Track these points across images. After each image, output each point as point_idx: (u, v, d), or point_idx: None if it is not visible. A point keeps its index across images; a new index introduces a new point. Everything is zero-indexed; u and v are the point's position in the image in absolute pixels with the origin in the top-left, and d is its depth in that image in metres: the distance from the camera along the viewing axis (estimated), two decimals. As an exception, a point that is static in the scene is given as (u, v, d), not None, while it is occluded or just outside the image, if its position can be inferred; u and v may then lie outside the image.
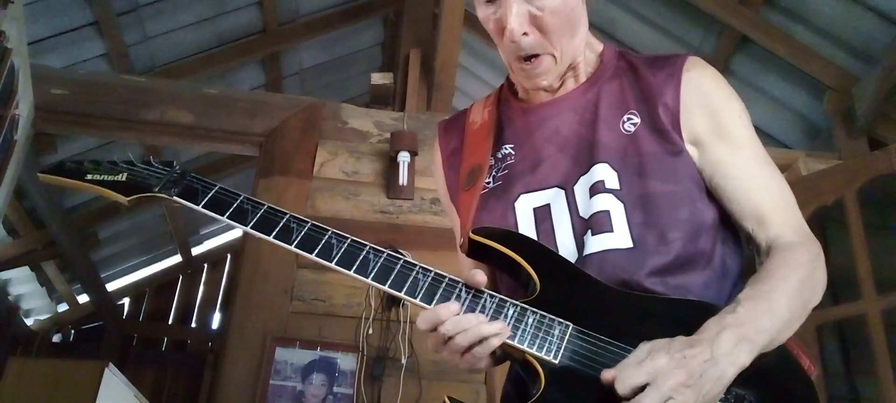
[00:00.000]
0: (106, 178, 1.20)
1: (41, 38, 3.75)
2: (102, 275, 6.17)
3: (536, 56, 1.15)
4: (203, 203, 1.14)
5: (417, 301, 1.04)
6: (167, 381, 6.53)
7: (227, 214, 1.12)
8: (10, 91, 2.77)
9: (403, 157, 3.16)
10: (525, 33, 1.12)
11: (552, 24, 1.12)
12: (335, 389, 2.82)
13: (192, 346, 7.02)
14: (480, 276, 1.04)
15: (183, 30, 4.30)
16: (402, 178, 3.15)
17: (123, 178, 1.20)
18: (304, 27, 4.79)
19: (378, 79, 3.73)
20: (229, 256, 7.33)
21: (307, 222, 1.11)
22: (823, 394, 2.82)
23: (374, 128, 3.40)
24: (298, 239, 1.09)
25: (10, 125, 2.81)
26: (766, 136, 4.06)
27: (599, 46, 1.26)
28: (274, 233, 1.10)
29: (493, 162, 1.23)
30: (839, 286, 3.14)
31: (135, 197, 1.17)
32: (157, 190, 1.17)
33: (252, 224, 1.11)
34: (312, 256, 1.08)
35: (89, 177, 1.20)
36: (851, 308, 2.93)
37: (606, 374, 0.93)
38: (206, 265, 7.30)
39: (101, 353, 6.24)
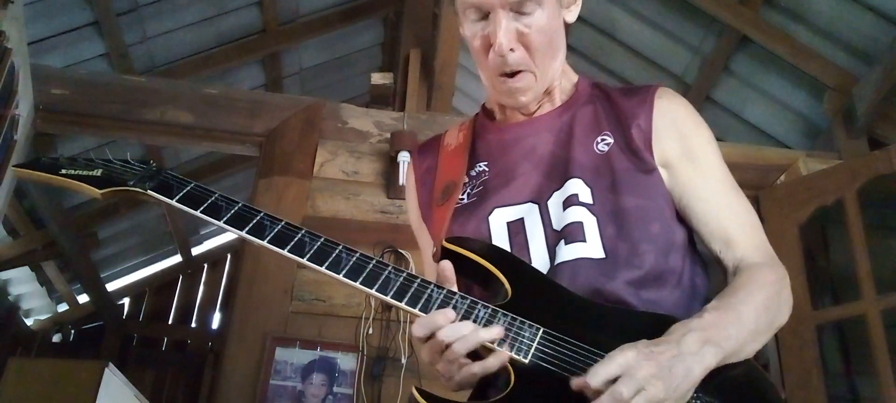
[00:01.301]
0: (80, 173, 1.20)
1: (41, 38, 3.75)
2: (102, 275, 6.18)
3: (520, 72, 1.18)
4: (177, 197, 1.14)
5: (388, 298, 1.06)
6: (167, 381, 6.54)
7: (201, 209, 1.12)
8: (10, 91, 2.77)
9: (403, 157, 3.16)
10: (512, 49, 1.15)
11: (538, 43, 1.16)
12: (335, 389, 2.82)
13: (192, 346, 7.03)
14: (449, 271, 1.07)
15: (183, 30, 4.30)
16: (402, 178, 3.14)
17: (98, 174, 1.20)
18: (304, 27, 4.79)
19: (378, 79, 3.72)
20: (229, 256, 7.33)
21: (280, 221, 1.12)
22: (823, 394, 2.82)
23: (374, 128, 3.40)
24: (271, 235, 1.10)
25: (10, 125, 2.81)
26: (766, 136, 4.07)
27: (575, 77, 1.31)
28: (247, 229, 1.11)
29: (467, 179, 1.26)
30: (839, 286, 3.14)
31: (109, 190, 1.17)
32: (131, 184, 1.17)
33: (226, 219, 1.12)
34: (284, 252, 1.10)
35: (64, 171, 1.20)
36: (851, 308, 2.94)
37: (576, 381, 0.95)
38: (206, 265, 7.31)
39: (101, 353, 6.24)
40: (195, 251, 6.93)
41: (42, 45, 3.76)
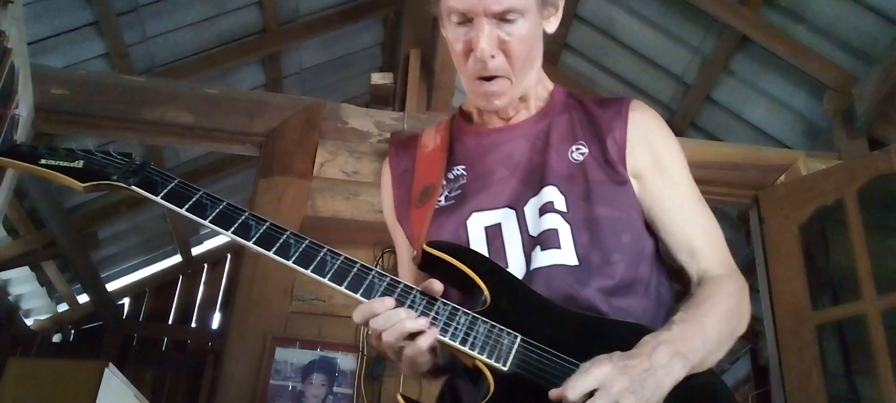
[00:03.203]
0: (61, 164, 1.17)
1: (41, 38, 3.75)
2: (102, 275, 6.18)
3: (497, 77, 1.20)
4: (162, 194, 1.13)
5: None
6: (167, 381, 6.54)
7: (186, 208, 1.12)
8: (10, 91, 2.77)
9: (403, 157, 3.16)
10: (492, 55, 1.18)
11: (517, 51, 1.19)
12: (335, 389, 2.83)
13: (192, 346, 7.02)
14: (437, 285, 1.08)
15: (183, 30, 4.30)
16: (402, 178, 3.15)
17: (80, 165, 1.17)
18: (304, 27, 4.79)
19: (378, 79, 3.72)
20: (229, 256, 7.33)
21: (266, 221, 1.12)
22: (823, 394, 2.82)
23: (374, 128, 3.40)
24: (257, 236, 1.10)
25: (10, 125, 2.81)
26: (766, 136, 4.07)
27: (551, 85, 1.34)
28: (232, 229, 1.10)
29: (445, 182, 1.28)
30: (839, 286, 3.14)
31: (91, 183, 1.15)
32: (115, 178, 1.15)
33: (211, 218, 1.11)
34: (270, 254, 1.10)
35: (43, 161, 1.17)
36: (851, 308, 2.93)
37: (554, 392, 0.98)
38: (206, 265, 7.30)
39: (101, 353, 6.24)
40: (195, 251, 6.93)
41: (42, 45, 3.76)
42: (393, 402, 2.80)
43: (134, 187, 1.14)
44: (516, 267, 1.16)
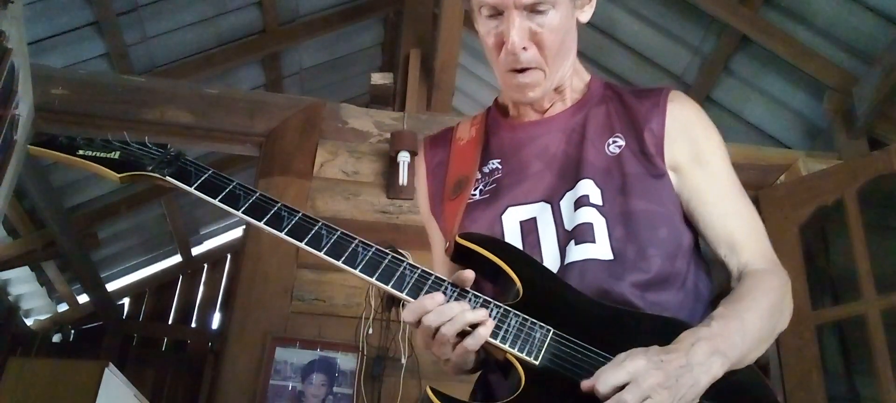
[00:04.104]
0: (98, 155, 1.18)
1: (41, 38, 3.75)
2: (102, 275, 6.17)
3: (530, 69, 1.19)
4: (196, 185, 1.13)
5: (404, 294, 1.06)
6: (167, 381, 6.54)
7: (220, 198, 1.11)
8: (10, 91, 2.77)
9: (403, 157, 3.16)
10: (524, 47, 1.16)
11: (550, 42, 1.17)
12: (335, 389, 2.82)
13: (192, 346, 7.02)
14: (468, 274, 1.07)
15: (183, 30, 4.30)
16: (402, 178, 3.15)
17: (116, 156, 1.18)
18: (304, 27, 4.79)
19: (378, 79, 3.72)
20: (229, 256, 7.33)
21: (298, 212, 1.12)
22: (823, 394, 2.82)
23: (374, 128, 3.40)
24: (289, 226, 1.10)
25: (10, 125, 2.81)
26: (766, 136, 4.07)
27: (587, 76, 1.32)
28: (265, 220, 1.10)
29: (480, 175, 1.27)
30: (839, 286, 3.14)
31: (127, 174, 1.16)
32: (150, 169, 1.16)
33: (244, 209, 1.11)
34: (302, 244, 1.09)
35: (81, 152, 1.18)
36: (851, 308, 2.94)
37: (586, 383, 0.96)
38: (206, 265, 7.30)
39: (101, 353, 6.24)
40: (195, 251, 6.93)
41: (42, 45, 3.76)
42: (406, 397, 2.80)
43: (169, 178, 1.14)
44: (551, 261, 1.14)
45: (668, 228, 1.15)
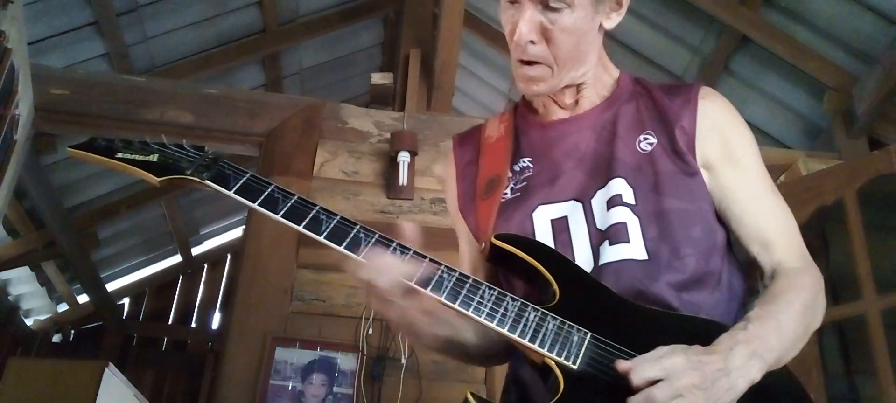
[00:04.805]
0: (137, 158, 1.17)
1: (41, 38, 3.75)
2: (102, 275, 6.17)
3: (537, 62, 1.18)
4: (235, 189, 1.12)
5: (442, 297, 1.05)
6: (167, 381, 6.54)
7: (259, 202, 1.11)
8: (10, 91, 2.77)
9: (403, 157, 3.16)
10: (533, 41, 1.16)
11: (560, 41, 1.16)
12: (335, 389, 2.82)
13: (192, 346, 7.02)
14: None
15: (183, 30, 4.30)
16: (402, 178, 3.15)
17: (155, 159, 1.17)
18: (304, 27, 4.79)
19: (378, 79, 3.73)
20: (229, 256, 7.33)
21: (336, 215, 1.10)
22: (823, 394, 2.82)
23: (374, 128, 3.40)
24: (328, 230, 1.08)
25: (10, 125, 2.81)
26: (766, 136, 4.07)
27: (616, 72, 1.31)
28: (304, 224, 1.09)
29: (510, 174, 1.26)
30: (839, 286, 3.13)
31: (166, 178, 1.15)
32: (189, 173, 1.15)
33: (282, 213, 1.10)
34: (341, 248, 1.08)
35: (120, 155, 1.17)
36: (851, 308, 2.93)
37: (622, 364, 0.96)
38: (206, 265, 7.30)
39: (101, 353, 6.24)
40: (195, 251, 6.93)
41: (42, 45, 3.76)
42: (406, 397, 2.79)
43: (208, 182, 1.13)
44: (583, 260, 1.13)
45: (702, 227, 1.15)
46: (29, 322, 6.31)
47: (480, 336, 1.21)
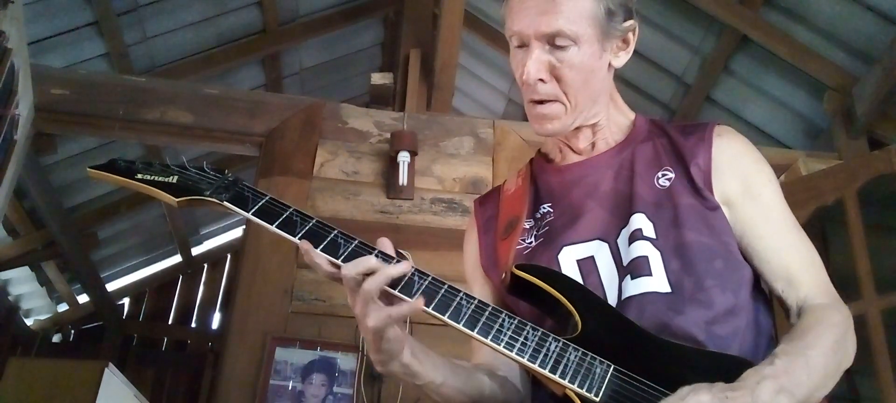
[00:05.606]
0: (157, 179, 1.19)
1: (41, 38, 3.75)
2: (102, 275, 6.17)
3: (549, 101, 1.19)
4: (253, 210, 1.12)
5: (460, 326, 1.03)
6: (167, 381, 6.53)
7: (277, 224, 1.10)
8: (10, 91, 2.78)
9: (403, 157, 3.16)
10: (542, 80, 1.17)
11: (570, 78, 1.17)
12: (335, 389, 2.82)
13: (192, 346, 7.02)
14: (386, 246, 1.08)
15: (183, 30, 4.30)
16: (402, 178, 3.15)
17: (174, 181, 1.19)
18: (304, 27, 4.79)
19: (378, 79, 3.73)
20: (229, 256, 7.33)
21: (354, 239, 1.10)
22: (823, 394, 2.82)
23: (374, 128, 3.40)
24: (345, 254, 1.08)
25: (10, 125, 2.81)
26: (766, 136, 4.07)
27: (632, 114, 1.32)
28: (322, 247, 1.08)
29: (532, 222, 1.26)
30: (839, 286, 3.13)
31: (185, 198, 1.16)
32: (208, 194, 1.16)
33: (300, 236, 1.09)
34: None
35: (139, 176, 1.19)
36: (851, 308, 2.91)
37: None
38: (206, 265, 7.30)
39: (101, 353, 6.23)
40: (195, 251, 6.92)
41: (42, 45, 3.76)
42: (406, 398, 2.79)
43: (226, 203, 1.14)
44: (611, 298, 1.13)
45: (724, 260, 1.13)
46: (29, 322, 6.31)
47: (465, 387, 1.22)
